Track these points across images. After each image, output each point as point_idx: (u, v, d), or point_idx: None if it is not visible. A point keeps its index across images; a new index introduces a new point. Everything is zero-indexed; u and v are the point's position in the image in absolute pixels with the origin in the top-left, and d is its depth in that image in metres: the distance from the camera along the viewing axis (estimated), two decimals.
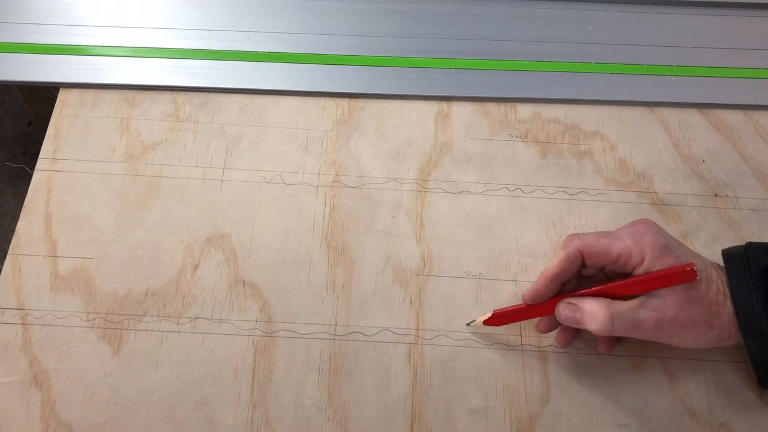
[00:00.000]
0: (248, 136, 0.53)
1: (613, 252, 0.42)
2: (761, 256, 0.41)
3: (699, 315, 0.40)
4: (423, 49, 0.58)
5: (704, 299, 0.41)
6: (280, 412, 0.43)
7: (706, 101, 0.56)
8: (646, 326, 0.40)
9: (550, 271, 0.43)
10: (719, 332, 0.41)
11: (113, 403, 0.43)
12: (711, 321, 0.41)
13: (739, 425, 0.43)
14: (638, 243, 0.41)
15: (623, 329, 0.40)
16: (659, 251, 0.41)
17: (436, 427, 0.43)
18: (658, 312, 0.40)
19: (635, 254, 0.41)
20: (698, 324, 0.40)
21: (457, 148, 0.53)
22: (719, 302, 0.41)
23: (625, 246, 0.41)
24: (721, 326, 0.41)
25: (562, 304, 0.42)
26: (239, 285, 0.47)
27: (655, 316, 0.40)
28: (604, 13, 0.61)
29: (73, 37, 0.57)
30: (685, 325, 0.40)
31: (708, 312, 0.40)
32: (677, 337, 0.41)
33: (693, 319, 0.40)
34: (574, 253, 0.42)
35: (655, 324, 0.40)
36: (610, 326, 0.40)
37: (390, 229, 0.49)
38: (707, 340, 0.41)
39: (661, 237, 0.42)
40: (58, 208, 0.49)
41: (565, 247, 0.43)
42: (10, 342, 0.44)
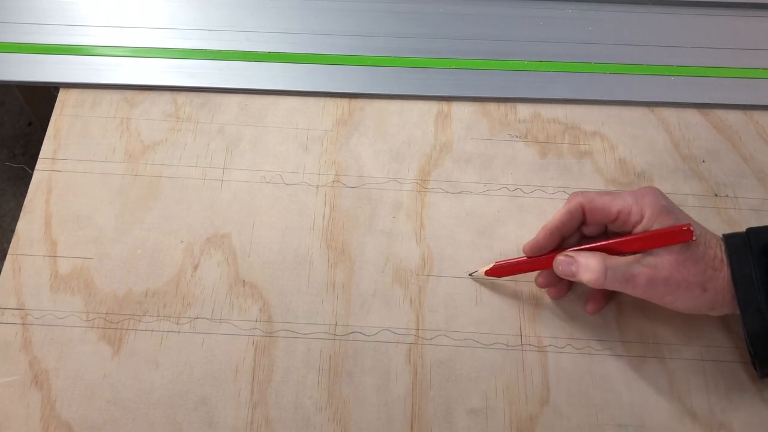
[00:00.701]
0: (248, 136, 0.53)
1: (613, 208, 0.43)
2: (762, 235, 0.42)
3: (693, 276, 0.41)
4: (423, 49, 0.58)
5: (700, 261, 0.41)
6: (280, 412, 0.43)
7: (706, 101, 0.56)
8: (639, 281, 0.41)
9: (551, 224, 0.44)
10: (713, 297, 0.41)
11: (113, 403, 0.43)
12: (705, 284, 0.41)
13: (739, 425, 0.43)
14: (639, 202, 0.42)
15: (616, 282, 0.41)
16: (658, 211, 0.42)
17: (436, 427, 0.43)
18: (653, 269, 0.41)
19: (635, 212, 0.42)
20: (692, 286, 0.41)
21: (457, 148, 0.53)
22: (715, 267, 0.41)
23: (625, 203, 0.43)
24: (715, 291, 0.41)
25: (559, 256, 0.43)
26: (239, 285, 0.47)
27: (649, 273, 0.41)
28: (604, 13, 0.61)
29: (73, 37, 0.57)
30: (679, 285, 0.41)
31: (703, 275, 0.41)
32: (670, 297, 0.41)
33: (687, 280, 0.41)
34: (575, 207, 0.44)
35: (648, 280, 0.41)
36: (603, 277, 0.41)
37: (390, 229, 0.49)
38: (700, 303, 0.41)
39: (663, 199, 0.43)
40: (58, 208, 0.49)
41: (568, 203, 0.44)
42: (10, 342, 0.44)
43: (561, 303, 0.47)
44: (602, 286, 0.42)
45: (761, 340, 0.41)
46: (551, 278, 0.46)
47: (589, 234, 0.46)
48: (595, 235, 0.46)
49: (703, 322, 0.46)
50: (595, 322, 0.46)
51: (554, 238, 0.44)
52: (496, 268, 0.46)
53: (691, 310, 0.42)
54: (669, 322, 0.46)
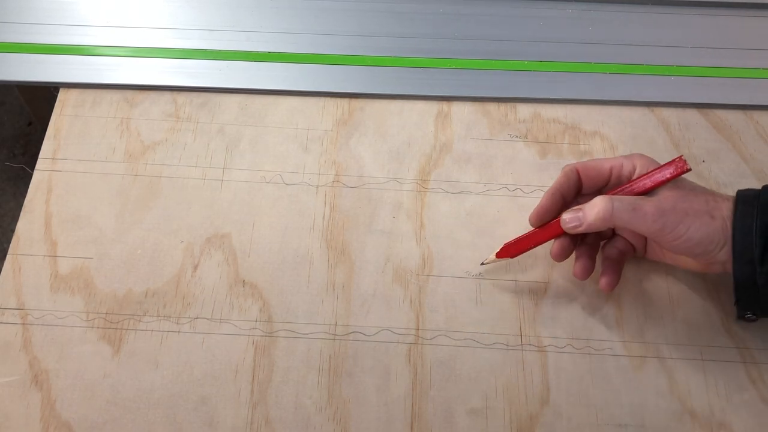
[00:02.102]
0: (248, 136, 0.53)
1: (605, 165, 0.45)
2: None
3: (698, 205, 0.42)
4: (423, 49, 0.58)
5: (699, 194, 0.42)
6: (280, 412, 0.43)
7: (706, 101, 0.56)
8: (647, 209, 0.41)
9: (551, 187, 0.46)
10: (721, 224, 0.41)
11: (113, 403, 0.43)
12: (712, 212, 0.41)
13: (739, 425, 0.43)
14: (629, 159, 0.45)
15: (624, 212, 0.41)
16: (649, 162, 0.44)
17: (436, 427, 0.43)
18: (658, 202, 0.42)
19: (626, 166, 0.45)
20: (700, 213, 0.41)
21: (457, 148, 0.53)
22: (715, 199, 0.42)
23: (616, 161, 0.45)
24: (723, 219, 0.41)
25: (565, 213, 0.44)
26: (239, 285, 0.47)
27: (656, 203, 0.42)
28: (604, 13, 0.61)
29: (73, 37, 0.57)
30: (687, 212, 0.41)
31: (706, 204, 0.42)
32: (682, 225, 0.41)
33: (693, 208, 0.41)
34: (570, 169, 0.46)
35: (656, 209, 0.41)
36: (610, 209, 0.41)
37: (390, 229, 0.49)
38: (711, 230, 0.41)
39: (652, 160, 0.45)
40: (58, 208, 0.49)
41: (563, 169, 0.47)
42: (10, 342, 0.44)
43: (561, 303, 0.47)
44: (611, 221, 0.42)
45: (746, 289, 0.42)
46: (565, 247, 0.46)
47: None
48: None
49: (703, 322, 0.46)
50: (595, 322, 0.46)
51: (556, 198, 0.45)
52: (506, 248, 0.46)
53: (704, 240, 0.41)
54: (669, 322, 0.46)
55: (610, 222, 0.42)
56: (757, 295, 0.41)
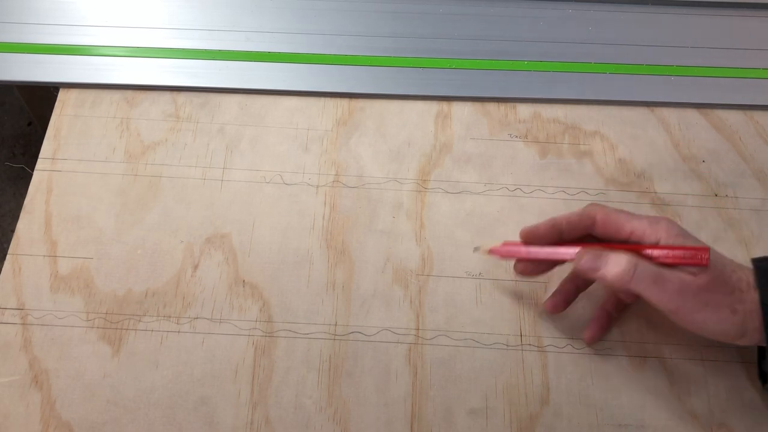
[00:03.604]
0: (248, 136, 0.53)
1: (627, 227, 0.41)
2: None
3: (722, 297, 0.39)
4: (423, 49, 0.58)
5: (728, 282, 0.39)
6: (280, 412, 0.43)
7: (706, 101, 0.56)
8: (669, 286, 0.38)
9: (558, 218, 0.43)
10: (742, 319, 0.39)
11: (113, 403, 0.43)
12: (734, 305, 0.39)
13: (739, 425, 0.43)
14: (653, 226, 0.41)
15: (644, 281, 0.39)
16: (675, 235, 0.40)
17: (436, 427, 0.43)
18: (682, 279, 0.39)
19: (649, 234, 0.40)
20: (721, 306, 0.39)
21: (457, 148, 0.53)
22: (742, 289, 0.39)
23: (640, 224, 0.41)
24: (745, 313, 0.39)
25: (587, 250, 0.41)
26: (239, 285, 0.47)
27: (681, 281, 0.39)
28: (604, 13, 0.61)
29: (73, 37, 0.57)
30: (708, 303, 0.39)
31: (731, 296, 0.39)
32: (700, 316, 0.39)
33: (716, 300, 0.39)
34: (588, 215, 0.43)
35: (679, 287, 0.38)
36: (631, 272, 0.39)
37: (390, 229, 0.49)
38: (729, 326, 0.39)
39: (678, 227, 0.41)
40: (58, 208, 0.49)
41: (585, 207, 0.43)
42: (10, 342, 0.44)
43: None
44: (627, 285, 0.39)
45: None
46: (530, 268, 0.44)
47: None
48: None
49: None
50: None
51: (554, 231, 0.43)
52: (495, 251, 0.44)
53: (719, 333, 0.39)
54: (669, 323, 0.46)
55: (626, 286, 0.39)
56: None
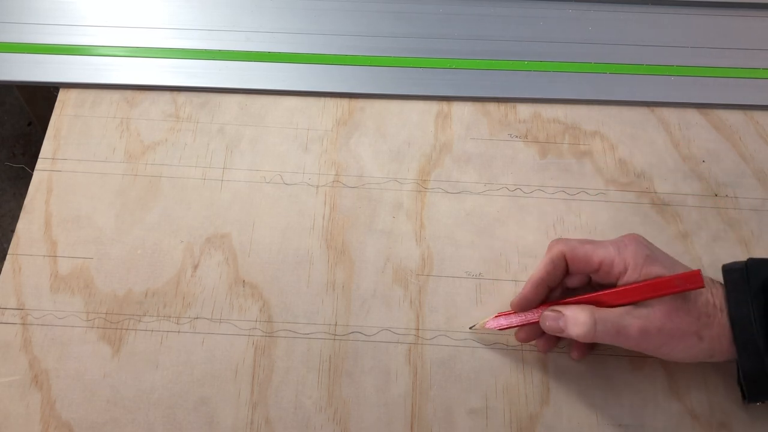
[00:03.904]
0: (248, 136, 0.53)
1: (595, 258, 0.42)
2: (762, 270, 0.40)
3: (687, 325, 0.39)
4: (423, 49, 0.58)
5: (693, 310, 0.40)
6: (280, 412, 0.43)
7: (706, 101, 0.56)
8: (631, 333, 0.39)
9: (536, 275, 0.43)
10: (709, 345, 0.40)
11: (113, 403, 0.43)
12: (700, 332, 0.40)
13: (739, 425, 0.43)
14: (621, 252, 0.41)
15: (607, 335, 0.40)
16: (642, 261, 0.40)
17: (436, 427, 0.43)
18: (644, 320, 0.39)
19: (617, 263, 0.41)
20: (686, 335, 0.39)
21: (457, 148, 0.53)
22: (709, 314, 0.40)
23: (607, 253, 0.41)
24: (711, 339, 0.40)
25: (546, 311, 0.42)
26: (239, 285, 0.47)
27: (641, 324, 0.39)
28: (604, 13, 0.61)
29: (73, 37, 0.57)
30: (673, 335, 0.39)
31: (697, 322, 0.40)
32: (666, 348, 0.40)
33: (681, 329, 0.39)
34: (558, 256, 0.42)
35: (640, 331, 0.39)
36: (593, 331, 0.39)
37: (390, 229, 0.49)
38: (697, 352, 0.40)
39: (646, 248, 0.41)
40: (58, 208, 0.49)
41: (549, 251, 0.43)
42: (10, 342, 0.44)
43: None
44: (592, 340, 0.40)
45: (758, 383, 0.40)
46: (531, 333, 0.44)
47: (573, 286, 0.44)
48: (578, 287, 0.44)
49: None
50: None
51: (541, 289, 0.43)
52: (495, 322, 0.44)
53: (688, 359, 0.41)
54: None
55: (590, 341, 0.40)
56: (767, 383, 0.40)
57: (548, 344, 0.45)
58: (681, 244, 0.49)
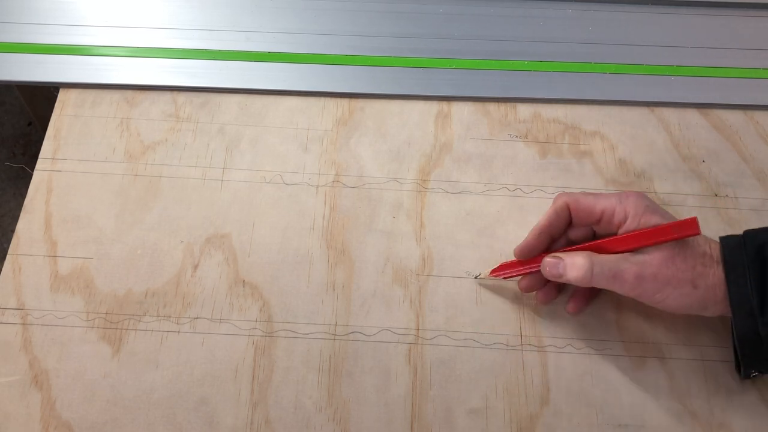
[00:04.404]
0: (248, 136, 0.53)
1: (597, 208, 0.44)
2: (758, 236, 0.41)
3: (682, 273, 0.40)
4: (423, 49, 0.58)
5: (689, 258, 0.41)
6: (280, 412, 0.43)
7: (706, 101, 0.56)
8: (626, 277, 0.41)
9: (540, 223, 0.45)
10: (703, 294, 0.41)
11: (113, 403, 0.43)
12: (695, 281, 0.40)
13: (739, 425, 0.43)
14: (622, 202, 0.43)
15: (603, 278, 0.41)
16: (642, 210, 0.42)
17: (436, 427, 0.43)
18: (640, 266, 0.41)
19: (618, 212, 0.43)
20: (681, 282, 0.40)
21: (457, 148, 0.53)
22: (705, 263, 0.41)
23: (609, 203, 0.43)
24: (706, 288, 0.40)
25: (546, 257, 0.44)
26: (239, 285, 0.47)
27: (637, 269, 0.41)
28: (604, 13, 0.61)
29: (73, 37, 0.57)
30: (668, 281, 0.40)
31: (692, 271, 0.41)
32: (659, 294, 0.41)
33: (676, 277, 0.40)
34: (561, 206, 0.45)
35: (635, 276, 0.40)
36: (590, 273, 0.41)
37: (390, 229, 0.49)
38: (690, 301, 0.41)
39: (646, 200, 0.43)
40: (58, 208, 0.49)
41: (554, 202, 0.45)
42: (10, 342, 0.44)
43: (561, 303, 0.47)
44: (589, 284, 0.41)
45: (750, 343, 0.41)
46: (533, 283, 0.46)
47: (575, 238, 0.46)
48: (581, 239, 0.46)
49: (703, 322, 0.46)
50: (595, 322, 0.46)
51: (543, 238, 0.45)
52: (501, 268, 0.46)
53: (682, 308, 0.42)
54: (669, 322, 0.46)
55: (588, 284, 0.42)
56: (761, 347, 0.40)
57: (548, 295, 0.46)
58: None
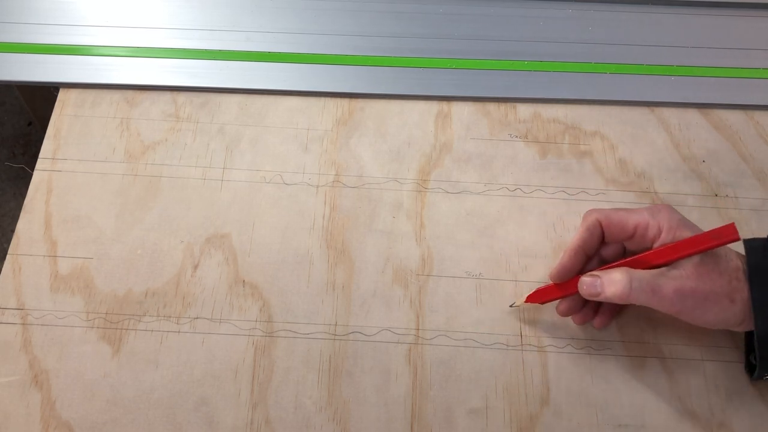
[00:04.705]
0: (248, 136, 0.53)
1: (630, 223, 0.43)
2: None
3: (720, 287, 0.40)
4: (423, 49, 0.58)
5: (724, 273, 0.40)
6: (280, 412, 0.43)
7: (706, 101, 0.56)
8: (666, 292, 0.40)
9: (573, 243, 0.44)
10: (741, 307, 0.40)
11: (113, 403, 0.43)
12: (732, 295, 0.40)
13: (739, 425, 0.43)
14: (655, 217, 0.42)
15: (642, 293, 0.40)
16: (676, 224, 0.42)
17: (436, 427, 0.43)
18: (679, 281, 0.40)
19: (652, 226, 0.42)
20: (720, 297, 0.40)
21: (457, 148, 0.53)
22: (739, 278, 0.41)
23: (642, 218, 0.42)
24: (743, 302, 0.40)
25: (584, 277, 0.43)
26: (239, 285, 0.47)
27: (676, 284, 0.40)
28: (604, 13, 0.61)
29: (73, 37, 0.57)
30: (707, 296, 0.40)
31: (729, 285, 0.40)
32: (699, 309, 0.40)
33: (714, 291, 0.40)
34: (593, 223, 0.44)
35: (675, 291, 0.40)
36: (629, 289, 0.40)
37: (390, 229, 0.49)
38: (729, 315, 0.40)
39: (678, 214, 0.43)
40: (58, 208, 0.49)
41: (585, 220, 0.44)
42: (10, 342, 0.44)
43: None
44: (628, 300, 0.40)
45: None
46: (573, 304, 0.45)
47: (608, 256, 0.45)
48: (614, 257, 0.45)
49: None
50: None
51: (578, 258, 0.44)
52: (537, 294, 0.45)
53: (720, 323, 0.41)
54: (669, 323, 0.46)
55: (627, 301, 0.41)
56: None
57: (586, 316, 0.45)
58: None
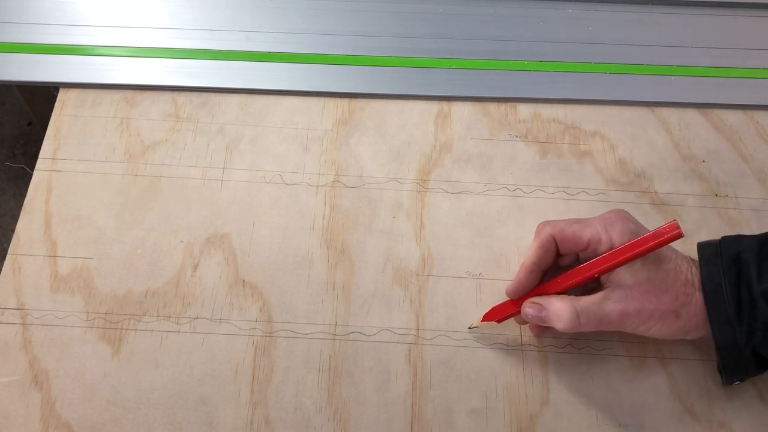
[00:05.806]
0: (248, 136, 0.53)
1: (584, 237, 0.42)
2: (734, 244, 0.41)
3: (665, 305, 0.40)
4: (423, 49, 0.58)
5: (671, 289, 0.41)
6: (280, 412, 0.43)
7: (706, 101, 0.56)
8: (612, 318, 0.41)
9: (528, 261, 0.43)
10: (686, 322, 0.41)
11: (113, 403, 0.43)
12: (678, 311, 0.41)
13: (739, 425, 0.43)
14: (608, 230, 0.42)
15: (590, 324, 0.41)
16: (628, 238, 0.41)
17: (436, 427, 0.43)
18: (624, 303, 0.40)
19: (604, 241, 0.42)
20: (665, 314, 0.41)
21: (457, 148, 0.53)
22: (687, 292, 0.41)
23: (595, 232, 0.42)
24: (688, 316, 0.41)
25: (527, 303, 0.43)
26: (239, 285, 0.47)
27: (621, 308, 0.40)
28: (604, 13, 0.61)
29: (73, 37, 0.57)
30: (651, 315, 0.40)
31: (675, 302, 0.41)
32: (643, 327, 0.41)
33: (659, 309, 0.40)
34: (547, 239, 0.43)
35: (620, 315, 0.40)
36: (577, 323, 0.41)
37: (390, 229, 0.49)
38: (673, 330, 0.41)
39: (632, 224, 0.42)
40: (58, 208, 0.49)
41: (538, 235, 0.44)
42: (10, 342, 0.44)
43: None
44: (576, 331, 0.41)
45: (729, 351, 0.41)
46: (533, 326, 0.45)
47: (564, 265, 0.45)
48: (569, 266, 0.44)
49: None
50: None
51: (535, 274, 0.43)
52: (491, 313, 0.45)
53: (664, 337, 0.42)
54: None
55: (574, 332, 0.41)
56: (740, 356, 0.41)
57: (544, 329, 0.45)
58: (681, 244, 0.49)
